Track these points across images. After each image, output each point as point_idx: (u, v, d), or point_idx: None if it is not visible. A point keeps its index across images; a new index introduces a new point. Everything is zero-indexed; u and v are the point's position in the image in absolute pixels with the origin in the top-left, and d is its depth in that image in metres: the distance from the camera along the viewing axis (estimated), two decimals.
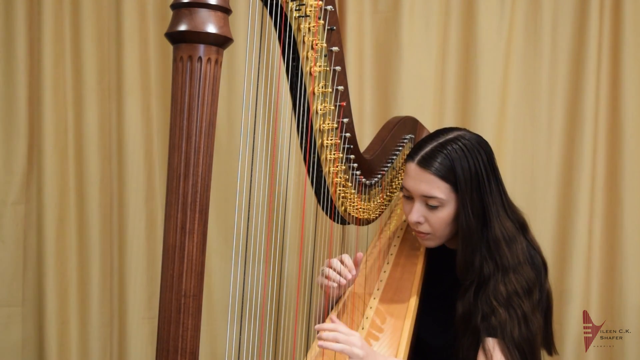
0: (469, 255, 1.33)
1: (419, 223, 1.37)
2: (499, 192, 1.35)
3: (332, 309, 1.46)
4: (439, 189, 1.32)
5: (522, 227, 1.39)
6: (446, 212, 1.34)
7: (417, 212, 1.36)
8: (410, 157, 1.37)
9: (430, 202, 1.34)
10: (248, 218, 1.08)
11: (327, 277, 1.38)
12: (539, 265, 1.35)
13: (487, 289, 1.30)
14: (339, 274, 1.37)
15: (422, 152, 1.34)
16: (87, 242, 1.95)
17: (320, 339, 1.17)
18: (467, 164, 1.31)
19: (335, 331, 1.17)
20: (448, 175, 1.31)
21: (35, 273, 1.93)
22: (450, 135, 1.36)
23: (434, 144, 1.35)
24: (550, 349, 1.40)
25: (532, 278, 1.30)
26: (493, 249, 1.32)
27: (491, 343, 1.25)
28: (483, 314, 1.28)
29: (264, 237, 1.20)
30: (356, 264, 1.42)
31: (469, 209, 1.31)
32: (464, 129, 1.41)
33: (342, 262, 1.39)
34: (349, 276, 1.37)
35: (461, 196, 1.31)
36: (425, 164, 1.33)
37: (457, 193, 1.32)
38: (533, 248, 1.38)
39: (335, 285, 1.37)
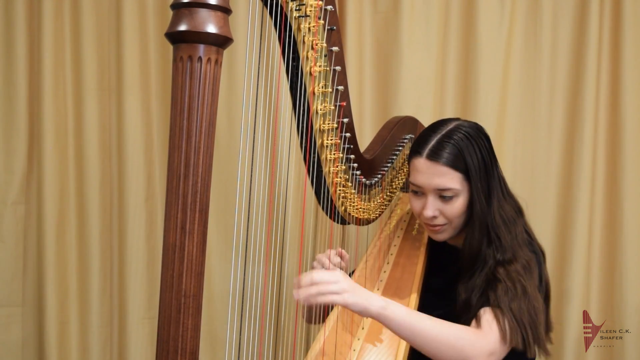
0: (479, 241, 1.33)
1: (434, 217, 1.37)
2: (498, 176, 1.36)
3: (331, 308, 1.46)
4: (453, 180, 1.32)
5: (519, 211, 1.39)
6: (460, 202, 1.34)
7: (432, 207, 1.35)
8: (416, 152, 1.36)
9: (444, 193, 1.33)
10: (248, 218, 1.07)
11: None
12: (537, 250, 1.35)
13: (486, 267, 1.30)
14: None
15: (430, 146, 1.33)
16: (87, 242, 1.95)
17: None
18: (474, 150, 1.32)
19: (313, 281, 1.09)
20: (459, 164, 1.31)
21: (35, 273, 1.93)
22: (451, 126, 1.36)
23: (439, 135, 1.34)
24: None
25: (532, 259, 1.30)
26: (492, 232, 1.32)
27: (482, 310, 1.24)
28: (481, 291, 1.28)
29: (264, 237, 1.20)
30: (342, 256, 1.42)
31: (481, 195, 1.32)
32: (459, 119, 1.41)
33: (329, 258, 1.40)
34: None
35: (474, 183, 1.32)
36: (434, 156, 1.32)
37: (469, 181, 1.32)
38: (528, 233, 1.38)
39: None
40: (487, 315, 1.23)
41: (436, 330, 1.15)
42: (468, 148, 1.31)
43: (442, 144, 1.32)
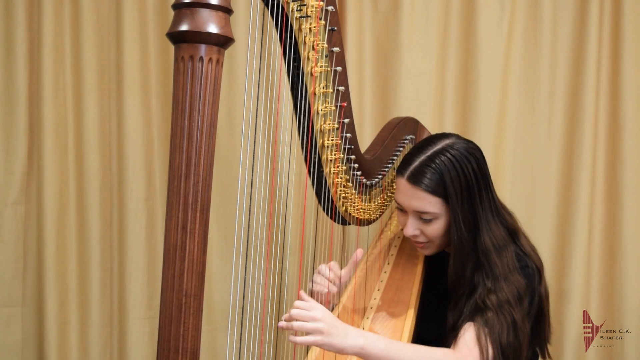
0: (461, 266, 1.33)
1: (415, 235, 1.38)
2: (488, 199, 1.33)
3: (332, 310, 1.46)
4: (431, 204, 1.31)
5: (511, 232, 1.37)
6: (440, 224, 1.34)
7: (411, 226, 1.36)
8: (399, 172, 1.36)
9: (423, 216, 1.34)
10: (249, 218, 1.08)
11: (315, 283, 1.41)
12: (530, 271, 1.33)
13: (476, 294, 1.29)
14: (328, 280, 1.39)
15: (411, 168, 1.33)
16: (87, 242, 1.95)
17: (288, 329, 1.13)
18: (457, 175, 1.29)
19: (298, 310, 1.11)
20: (438, 190, 1.30)
21: (35, 273, 1.93)
22: (439, 146, 1.33)
23: (422, 157, 1.33)
24: (544, 350, 1.40)
25: (522, 285, 1.29)
26: (482, 258, 1.31)
27: (464, 328, 1.24)
28: (469, 312, 1.27)
29: (265, 237, 1.20)
30: (355, 262, 1.42)
31: (460, 221, 1.30)
32: (454, 135, 1.38)
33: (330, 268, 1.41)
34: (336, 285, 1.39)
35: (452, 208, 1.30)
36: (414, 180, 1.32)
37: (449, 205, 1.31)
38: (524, 253, 1.36)
39: (325, 291, 1.39)
40: (468, 334, 1.23)
41: (416, 359, 1.16)
42: (450, 172, 1.29)
43: (424, 167, 1.31)
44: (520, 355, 1.26)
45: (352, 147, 1.35)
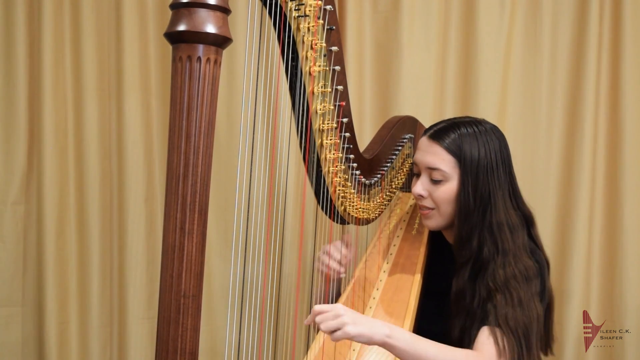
0: (466, 232, 1.33)
1: (422, 197, 1.39)
2: (507, 182, 1.36)
3: (336, 295, 1.47)
4: (444, 162, 1.34)
5: (527, 222, 1.39)
6: (449, 187, 1.35)
7: (421, 185, 1.38)
8: (423, 133, 1.42)
9: (434, 174, 1.35)
10: (247, 218, 1.08)
11: (324, 264, 1.44)
12: (541, 261, 1.35)
13: (487, 272, 1.30)
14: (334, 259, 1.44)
15: (436, 128, 1.39)
16: (87, 242, 1.95)
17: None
18: (477, 144, 1.33)
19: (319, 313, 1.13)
20: (455, 150, 1.34)
21: (35, 273, 1.93)
22: (467, 119, 1.40)
23: (449, 122, 1.39)
24: (546, 348, 1.40)
25: (532, 268, 1.30)
26: (495, 231, 1.32)
27: (480, 331, 1.25)
28: (480, 299, 1.28)
29: (264, 237, 1.20)
30: (348, 243, 1.48)
31: (469, 187, 1.32)
32: (483, 119, 1.43)
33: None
34: (343, 265, 1.43)
35: (463, 173, 1.33)
36: (435, 137, 1.36)
37: (461, 169, 1.33)
38: (536, 245, 1.38)
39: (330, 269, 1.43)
40: (483, 335, 1.23)
41: (440, 356, 1.15)
42: (471, 140, 1.34)
43: (448, 129, 1.36)
44: (530, 332, 1.25)
45: (351, 146, 1.35)
